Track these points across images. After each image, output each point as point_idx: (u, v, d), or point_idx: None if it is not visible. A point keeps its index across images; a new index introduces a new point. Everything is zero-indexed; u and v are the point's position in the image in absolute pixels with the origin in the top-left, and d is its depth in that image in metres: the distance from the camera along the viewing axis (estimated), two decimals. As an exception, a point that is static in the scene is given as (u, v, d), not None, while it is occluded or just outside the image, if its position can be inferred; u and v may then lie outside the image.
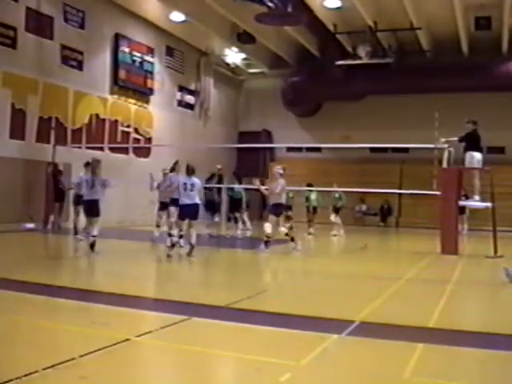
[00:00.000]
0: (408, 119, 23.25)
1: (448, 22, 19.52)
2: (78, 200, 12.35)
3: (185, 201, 9.77)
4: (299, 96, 24.21)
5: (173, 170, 11.47)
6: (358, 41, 20.79)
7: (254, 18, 16.04)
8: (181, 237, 10.50)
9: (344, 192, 16.44)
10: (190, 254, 9.73)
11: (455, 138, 11.53)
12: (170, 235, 10.30)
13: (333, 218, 16.54)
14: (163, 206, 12.04)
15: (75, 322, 4.89)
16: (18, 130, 14.97)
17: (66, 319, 5.05)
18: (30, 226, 14.51)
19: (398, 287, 7.39)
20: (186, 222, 10.07)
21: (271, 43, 21.92)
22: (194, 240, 9.77)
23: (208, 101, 24.08)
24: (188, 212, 9.86)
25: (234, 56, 24.46)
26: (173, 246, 9.84)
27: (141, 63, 19.57)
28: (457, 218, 11.94)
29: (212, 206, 15.14)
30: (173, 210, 10.93)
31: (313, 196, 16.40)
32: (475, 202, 11.98)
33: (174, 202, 10.62)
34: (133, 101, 19.47)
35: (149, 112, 20.38)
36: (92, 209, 10.07)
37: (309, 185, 16.28)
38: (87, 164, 11.78)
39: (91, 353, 3.82)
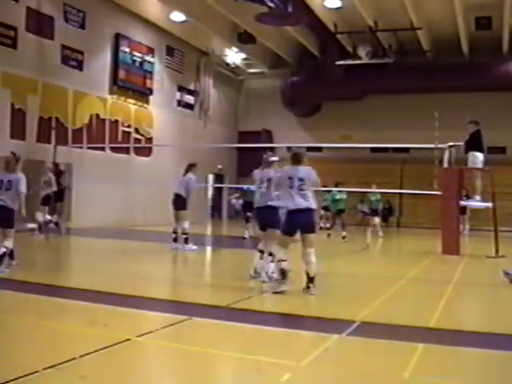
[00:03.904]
0: (408, 119, 23.25)
1: (448, 21, 19.52)
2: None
3: (289, 204, 6.45)
4: (299, 96, 24.20)
5: (187, 171, 11.08)
6: (358, 41, 20.78)
7: (254, 18, 16.04)
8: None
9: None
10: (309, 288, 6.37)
11: (461, 143, 11.47)
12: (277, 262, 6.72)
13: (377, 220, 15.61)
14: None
15: (75, 322, 4.89)
16: (18, 130, 14.96)
17: (66, 319, 5.04)
18: (31, 225, 14.50)
19: (399, 287, 7.39)
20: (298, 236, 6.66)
21: (271, 43, 21.93)
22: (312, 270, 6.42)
23: (208, 101, 24.07)
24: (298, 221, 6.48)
25: (234, 56, 24.46)
26: (283, 275, 6.39)
27: (141, 63, 19.56)
28: (458, 218, 11.93)
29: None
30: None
31: (340, 196, 14.91)
32: (476, 202, 11.97)
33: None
34: (132, 101, 19.46)
35: (149, 112, 20.37)
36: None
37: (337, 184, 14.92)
38: None
39: (92, 353, 3.82)
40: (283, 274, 6.35)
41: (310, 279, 6.40)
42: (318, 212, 16.82)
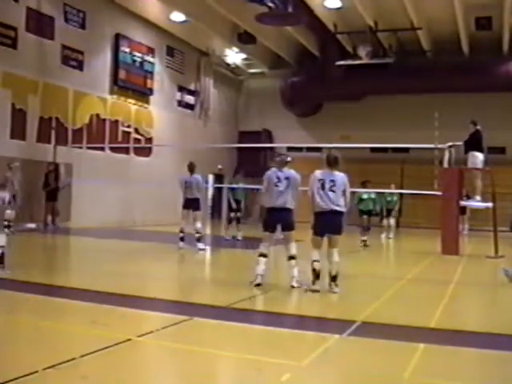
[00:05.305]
0: (408, 119, 23.22)
1: (448, 22, 19.51)
2: None
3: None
4: (299, 96, 24.19)
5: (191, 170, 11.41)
6: (358, 41, 20.77)
7: (254, 18, 16.03)
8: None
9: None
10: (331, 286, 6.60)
11: (460, 143, 11.50)
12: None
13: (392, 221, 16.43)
14: None
15: (76, 322, 4.89)
16: (18, 130, 14.95)
17: (66, 319, 5.04)
18: (31, 225, 14.52)
19: (400, 287, 7.39)
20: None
21: (271, 43, 21.92)
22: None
23: (208, 101, 24.07)
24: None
25: (234, 56, 24.45)
26: (317, 275, 6.53)
27: (141, 63, 19.55)
28: (458, 219, 11.93)
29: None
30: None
31: (368, 196, 13.91)
32: (476, 203, 11.98)
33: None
34: (132, 101, 19.45)
35: (149, 112, 20.36)
36: None
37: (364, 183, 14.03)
38: None
39: (92, 353, 3.82)
40: (316, 274, 6.42)
41: (333, 278, 6.50)
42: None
